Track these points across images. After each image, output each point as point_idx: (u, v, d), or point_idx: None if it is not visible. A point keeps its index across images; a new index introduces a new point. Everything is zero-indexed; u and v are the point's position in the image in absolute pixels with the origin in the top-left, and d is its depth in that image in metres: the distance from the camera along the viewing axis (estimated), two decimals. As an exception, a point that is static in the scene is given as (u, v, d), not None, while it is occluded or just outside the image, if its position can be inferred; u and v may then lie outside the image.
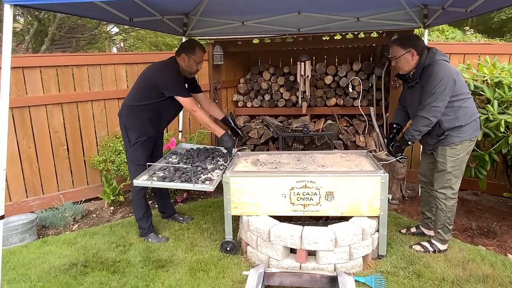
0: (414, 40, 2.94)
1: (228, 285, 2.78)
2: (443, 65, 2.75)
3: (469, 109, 2.87)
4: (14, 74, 3.96)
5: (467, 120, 2.84)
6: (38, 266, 3.16)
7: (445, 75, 2.70)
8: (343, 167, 3.25)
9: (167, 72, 3.33)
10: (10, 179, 4.09)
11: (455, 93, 2.78)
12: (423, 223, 3.44)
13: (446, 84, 2.69)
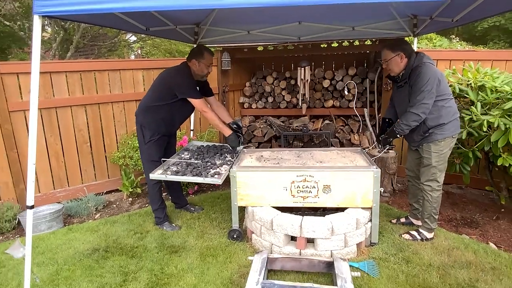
0: (403, 44, 2.95)
1: (234, 269, 2.79)
2: (430, 67, 2.78)
3: (451, 109, 2.89)
4: (43, 79, 3.97)
5: (449, 119, 2.86)
6: (64, 251, 3.20)
7: (431, 75, 2.72)
8: (339, 163, 3.24)
9: (180, 76, 3.32)
10: (39, 173, 4.12)
11: (438, 94, 2.80)
12: (411, 214, 3.43)
13: (433, 83, 2.71)
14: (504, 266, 2.73)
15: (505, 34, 13.97)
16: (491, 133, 3.20)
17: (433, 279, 2.59)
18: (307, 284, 2.34)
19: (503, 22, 13.56)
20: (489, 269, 2.70)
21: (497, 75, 3.50)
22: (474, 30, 14.73)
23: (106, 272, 2.83)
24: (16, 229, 3.73)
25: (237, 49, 5.46)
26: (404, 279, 2.60)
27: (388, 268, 2.74)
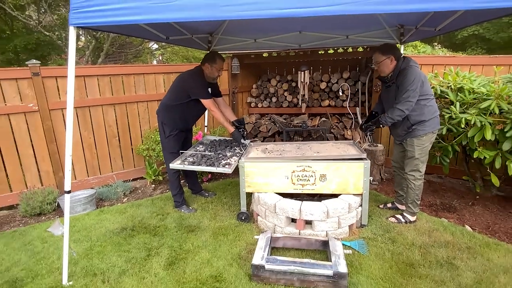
0: (393, 49, 2.92)
1: (242, 246, 2.81)
2: (415, 69, 2.77)
3: (432, 108, 2.88)
4: (77, 82, 4.00)
5: (431, 116, 2.86)
6: (97, 229, 3.23)
7: (416, 77, 2.72)
8: (334, 153, 3.23)
9: (193, 79, 3.32)
10: (75, 162, 4.17)
11: (421, 94, 2.79)
12: (397, 200, 3.41)
13: (417, 84, 2.71)
14: (478, 246, 2.72)
15: (483, 41, 13.73)
16: (468, 130, 3.16)
17: (415, 257, 2.59)
18: (305, 260, 2.34)
19: (481, 31, 13.32)
20: (465, 248, 2.69)
21: (475, 78, 3.45)
22: (454, 38, 14.49)
23: (133, 248, 2.86)
24: (56, 211, 3.78)
25: (245, 55, 5.43)
26: (390, 256, 2.61)
27: (376, 246, 2.74)
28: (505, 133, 2.93)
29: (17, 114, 3.73)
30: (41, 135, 3.88)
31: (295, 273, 2.26)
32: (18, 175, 3.85)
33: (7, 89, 3.65)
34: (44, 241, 3.05)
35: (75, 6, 2.01)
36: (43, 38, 8.18)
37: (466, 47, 13.95)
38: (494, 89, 3.05)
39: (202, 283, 2.35)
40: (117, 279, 2.44)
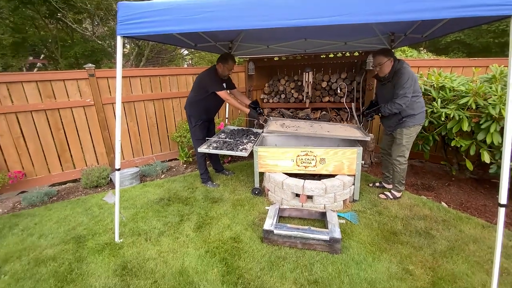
0: (391, 52, 2.83)
1: (256, 214, 2.84)
2: (408, 70, 2.69)
3: (420, 103, 2.79)
4: (124, 81, 4.05)
5: (419, 111, 2.78)
6: (140, 199, 3.30)
7: (410, 76, 2.65)
8: (342, 133, 3.22)
9: (208, 76, 3.28)
10: (123, 146, 4.25)
11: (413, 91, 2.71)
12: (384, 180, 3.34)
13: (411, 82, 2.64)
14: (452, 219, 2.66)
15: (463, 46, 13.06)
16: (447, 122, 3.05)
17: (398, 227, 2.56)
18: (306, 227, 2.35)
19: (462, 37, 12.66)
20: (441, 221, 2.64)
21: (455, 78, 3.29)
22: (438, 43, 13.82)
23: (169, 214, 2.92)
24: (109, 184, 3.87)
25: (259, 59, 5.34)
26: (376, 226, 2.58)
27: (365, 218, 2.72)
28: (480, 125, 2.81)
29: (77, 107, 3.81)
30: (96, 124, 3.97)
31: (298, 237, 2.28)
32: (80, 155, 3.96)
33: (69, 87, 3.73)
34: (100, 208, 3.14)
35: (121, 19, 2.01)
36: (97, 46, 8.27)
37: (449, 51, 13.31)
38: (472, 88, 2.91)
39: (224, 243, 2.40)
40: (157, 238, 2.51)
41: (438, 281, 1.95)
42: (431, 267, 2.08)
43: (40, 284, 2.01)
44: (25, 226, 2.81)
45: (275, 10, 1.78)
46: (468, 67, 3.82)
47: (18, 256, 2.34)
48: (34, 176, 3.70)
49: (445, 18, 1.73)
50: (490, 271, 1.89)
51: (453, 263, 2.11)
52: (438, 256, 2.19)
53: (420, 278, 1.97)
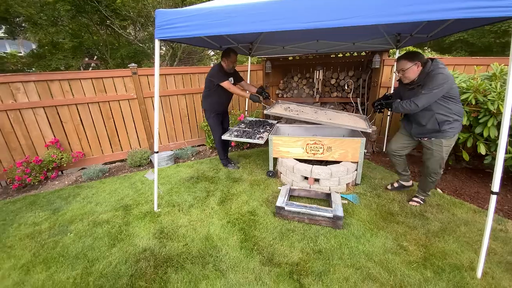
0: (419, 55, 2.10)
1: (270, 193, 2.85)
2: (446, 72, 2.00)
3: (461, 109, 2.12)
4: (161, 78, 4.11)
5: (460, 118, 2.13)
6: (174, 177, 3.39)
7: (447, 82, 1.97)
8: (346, 123, 2.95)
9: (213, 70, 3.16)
10: (160, 133, 4.37)
11: (452, 95, 2.05)
12: (402, 179, 2.75)
13: (443, 89, 1.99)
14: (446, 204, 2.55)
15: (466, 45, 12.01)
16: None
17: (395, 208, 2.49)
18: (313, 205, 2.35)
19: (466, 36, 11.63)
20: (435, 205, 2.54)
21: (457, 75, 3.06)
22: (442, 43, 12.80)
23: (197, 190, 2.99)
24: (149, 164, 3.98)
25: (275, 59, 5.23)
26: (375, 207, 2.53)
27: (365, 199, 2.66)
28: (478, 120, 2.62)
29: (123, 100, 3.95)
30: (138, 114, 4.10)
31: (305, 213, 2.28)
32: (126, 140, 4.13)
33: (117, 83, 3.86)
34: (142, 183, 3.27)
35: (158, 25, 2.03)
36: (139, 48, 8.43)
37: (452, 50, 12.31)
38: (473, 85, 2.69)
39: (242, 215, 2.45)
40: (187, 209, 2.60)
41: (429, 257, 1.90)
42: (423, 244, 2.02)
43: (97, 241, 2.18)
44: (85, 195, 3.01)
45: (293, 14, 1.72)
46: (470, 65, 3.54)
47: (80, 219, 2.53)
48: (91, 156, 3.93)
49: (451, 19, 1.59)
50: (479, 251, 1.81)
51: (445, 242, 2.04)
52: (431, 235, 2.12)
53: (413, 254, 1.93)
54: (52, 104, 3.51)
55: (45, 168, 3.50)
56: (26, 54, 9.96)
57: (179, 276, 1.77)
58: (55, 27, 7.52)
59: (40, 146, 3.55)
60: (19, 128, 3.40)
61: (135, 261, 1.92)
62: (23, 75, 3.34)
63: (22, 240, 2.25)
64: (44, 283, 1.77)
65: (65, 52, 7.91)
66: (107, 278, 1.79)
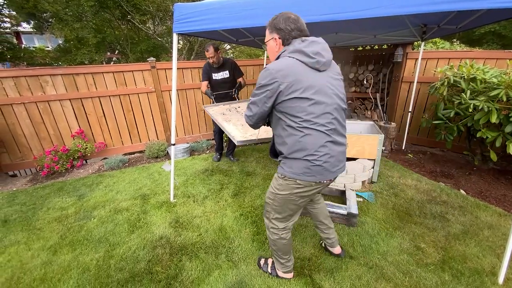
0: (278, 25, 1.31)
1: (283, 188, 2.84)
2: (273, 69, 1.20)
3: (306, 139, 1.23)
4: (178, 72, 4.18)
5: (295, 151, 1.26)
6: (190, 169, 3.46)
7: (272, 84, 1.21)
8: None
9: (203, 67, 3.23)
10: (177, 126, 4.47)
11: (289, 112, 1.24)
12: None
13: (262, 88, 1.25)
14: (469, 206, 2.42)
15: (498, 38, 11.08)
16: (475, 113, 2.69)
17: (413, 208, 2.41)
18: (328, 202, 2.32)
19: (497, 28, 10.72)
20: (457, 207, 2.42)
21: (488, 70, 2.85)
22: (472, 35, 11.87)
23: (212, 182, 3.04)
24: (166, 156, 4.09)
25: (292, 53, 5.15)
26: (392, 206, 2.46)
27: (381, 198, 2.59)
28: (509, 118, 2.44)
29: (143, 93, 4.07)
30: (156, 107, 4.21)
31: (318, 210, 2.27)
32: (144, 132, 4.27)
33: (136, 77, 3.98)
34: (159, 174, 3.37)
35: (176, 19, 2.05)
36: (157, 42, 8.60)
37: (482, 43, 11.42)
38: (505, 80, 2.50)
39: (255, 209, 2.47)
40: (202, 201, 2.65)
41: (448, 260, 1.83)
42: (442, 247, 1.94)
43: (118, 227, 2.30)
44: (107, 184, 3.18)
45: (310, 6, 1.67)
46: (502, 59, 3.28)
47: (102, 206, 2.67)
48: (112, 146, 4.11)
49: (483, 9, 1.47)
50: (501, 256, 1.71)
51: (465, 246, 1.95)
52: (451, 238, 2.03)
53: (431, 256, 1.86)
54: (78, 97, 3.70)
55: (71, 157, 3.72)
56: (53, 48, 10.51)
57: (193, 264, 1.84)
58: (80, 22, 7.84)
59: (66, 136, 3.77)
60: (48, 119, 3.62)
61: (152, 248, 2.01)
62: (51, 68, 3.53)
63: (50, 223, 2.42)
64: (69, 263, 1.91)
65: (89, 47, 8.24)
66: (127, 261, 1.89)
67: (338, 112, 1.27)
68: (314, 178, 1.26)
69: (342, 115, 1.31)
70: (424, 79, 3.83)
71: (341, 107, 1.30)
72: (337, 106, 1.26)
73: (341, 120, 1.30)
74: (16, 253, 2.04)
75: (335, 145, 1.27)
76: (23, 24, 10.59)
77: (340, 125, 1.29)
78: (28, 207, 2.73)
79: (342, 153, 1.33)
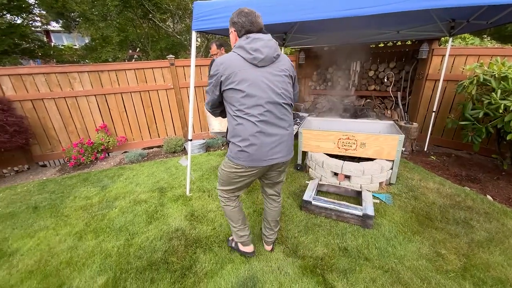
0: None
1: (296, 187, 2.84)
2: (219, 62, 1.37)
3: (241, 126, 1.38)
4: (196, 69, 4.26)
5: (235, 138, 1.43)
6: (205, 164, 3.53)
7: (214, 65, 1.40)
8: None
9: None
10: (194, 122, 4.56)
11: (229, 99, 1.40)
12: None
13: (211, 77, 1.43)
14: (496, 213, 2.28)
15: (537, 33, 10.18)
16: (505, 115, 2.52)
17: (434, 213, 2.31)
18: (342, 202, 2.29)
19: (539, 22, 9.83)
20: (483, 213, 2.29)
21: (523, 67, 2.65)
22: (504, 30, 10.99)
23: (226, 178, 3.11)
24: (182, 151, 4.20)
25: (309, 49, 5.06)
26: (411, 209, 2.37)
27: (400, 200, 2.51)
28: (547, 120, 2.26)
29: (162, 90, 4.20)
30: (174, 103, 4.33)
31: (333, 209, 2.24)
32: (162, 127, 4.42)
33: (156, 74, 4.11)
34: (176, 168, 3.47)
35: (196, 16, 2.09)
36: (176, 40, 8.80)
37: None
38: (543, 78, 2.31)
39: (268, 207, 2.49)
40: (217, 196, 2.70)
41: (470, 267, 1.74)
42: (465, 254, 1.85)
43: (137, 218, 2.41)
44: (127, 176, 3.33)
45: (333, 2, 1.64)
46: (542, 56, 3.03)
47: (123, 197, 2.81)
48: (132, 141, 4.29)
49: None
50: (534, 268, 1.60)
51: (489, 254, 1.84)
52: (474, 245, 1.93)
53: (452, 263, 1.78)
54: (102, 93, 3.89)
55: (95, 150, 3.93)
56: (80, 47, 11.08)
57: (207, 257, 1.89)
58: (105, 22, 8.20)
59: (91, 130, 3.99)
60: (75, 113, 3.85)
61: (168, 239, 2.09)
62: (79, 66, 3.74)
63: (77, 211, 2.59)
64: (93, 249, 2.04)
65: (113, 45, 8.61)
66: (145, 250, 1.98)
67: (272, 106, 1.37)
68: (245, 162, 1.42)
69: (279, 108, 1.40)
70: (451, 77, 3.63)
71: (276, 101, 1.37)
72: (270, 100, 1.36)
73: (276, 113, 1.39)
74: (45, 238, 2.20)
75: (265, 135, 1.38)
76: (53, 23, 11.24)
77: (275, 118, 1.39)
78: (56, 195, 2.93)
79: (277, 144, 1.42)
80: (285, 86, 1.41)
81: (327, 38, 4.18)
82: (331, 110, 5.13)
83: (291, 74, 1.45)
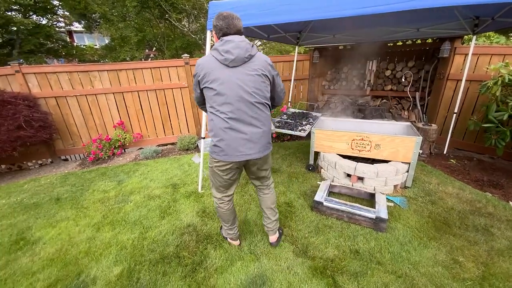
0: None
1: (308, 187, 2.82)
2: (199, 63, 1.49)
3: (212, 122, 1.51)
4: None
5: (211, 133, 1.55)
6: None
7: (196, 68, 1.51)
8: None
9: None
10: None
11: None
12: None
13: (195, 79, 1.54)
14: (520, 221, 2.16)
15: None
16: (534, 117, 2.37)
17: (452, 219, 2.21)
18: (354, 204, 2.25)
19: None
20: (505, 220, 2.17)
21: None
22: (538, 28, 10.30)
23: (237, 177, 3.14)
24: (195, 148, 4.28)
25: (324, 48, 4.98)
26: (427, 214, 2.29)
27: (415, 205, 2.43)
28: None
29: (176, 88, 4.29)
30: (188, 102, 4.41)
31: (345, 211, 2.20)
32: (176, 125, 4.51)
33: (171, 73, 4.20)
34: (189, 165, 3.54)
35: (211, 16, 2.12)
36: (191, 39, 8.95)
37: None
38: None
39: (279, 205, 2.48)
40: (228, 194, 2.76)
41: (489, 276, 1.66)
42: (483, 262, 1.77)
43: (151, 212, 2.49)
44: (142, 172, 3.44)
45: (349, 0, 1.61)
46: None
47: (138, 191, 2.91)
48: (147, 137, 4.42)
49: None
50: (562, 281, 1.50)
51: (510, 263, 1.75)
52: (494, 253, 1.84)
53: (469, 271, 1.71)
54: (120, 91, 4.03)
55: (113, 146, 4.08)
56: (100, 46, 11.52)
57: (217, 253, 1.92)
58: (124, 22, 8.49)
59: (109, 127, 4.14)
60: (95, 110, 4.02)
61: (180, 234, 2.14)
62: (100, 65, 3.90)
63: (95, 203, 2.70)
64: (110, 240, 2.12)
65: (131, 45, 8.89)
66: (158, 244, 2.04)
67: (242, 104, 1.43)
68: (219, 156, 1.53)
69: (250, 107, 1.45)
70: (474, 77, 3.45)
71: (246, 100, 1.43)
72: (239, 98, 1.42)
73: (247, 111, 1.44)
74: (65, 228, 2.32)
75: (235, 132, 1.45)
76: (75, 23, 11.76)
77: (246, 115, 1.45)
78: (77, 188, 3.07)
79: (248, 141, 1.48)
80: (258, 86, 1.46)
81: (342, 37, 4.10)
82: (345, 110, 5.03)
83: (265, 73, 1.48)
